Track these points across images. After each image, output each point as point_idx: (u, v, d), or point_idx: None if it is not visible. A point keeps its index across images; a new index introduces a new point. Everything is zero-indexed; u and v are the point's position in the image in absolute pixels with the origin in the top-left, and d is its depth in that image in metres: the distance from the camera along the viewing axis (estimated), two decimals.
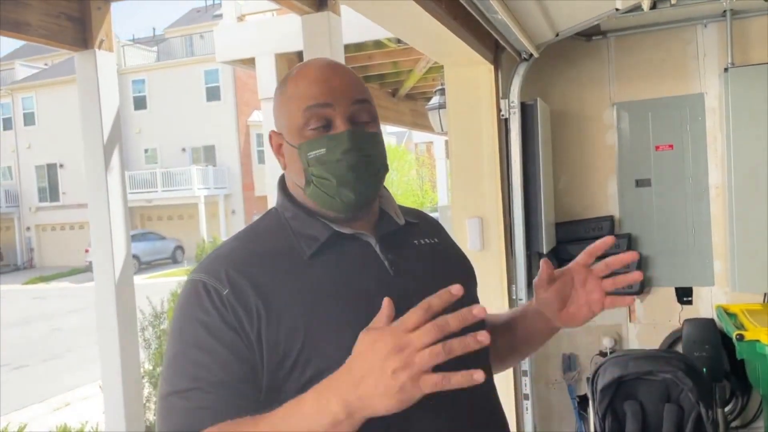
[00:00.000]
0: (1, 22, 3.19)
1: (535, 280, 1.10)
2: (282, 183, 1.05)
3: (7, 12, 3.20)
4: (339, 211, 0.97)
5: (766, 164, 2.80)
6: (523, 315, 1.17)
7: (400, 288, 0.96)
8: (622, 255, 1.05)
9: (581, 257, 1.06)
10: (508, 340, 1.18)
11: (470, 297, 1.09)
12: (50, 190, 26.50)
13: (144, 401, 5.49)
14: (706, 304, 3.12)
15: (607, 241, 1.05)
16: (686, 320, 3.04)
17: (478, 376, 0.73)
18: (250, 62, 4.87)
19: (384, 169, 1.00)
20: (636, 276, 1.07)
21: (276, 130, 1.03)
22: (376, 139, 0.99)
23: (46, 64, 29.29)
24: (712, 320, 3.01)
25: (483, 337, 0.75)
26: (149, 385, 6.08)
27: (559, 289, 1.07)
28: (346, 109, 0.96)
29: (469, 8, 1.97)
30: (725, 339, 2.87)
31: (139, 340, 5.32)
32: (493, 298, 2.74)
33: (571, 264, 1.08)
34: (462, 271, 1.12)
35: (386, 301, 0.80)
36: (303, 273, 0.93)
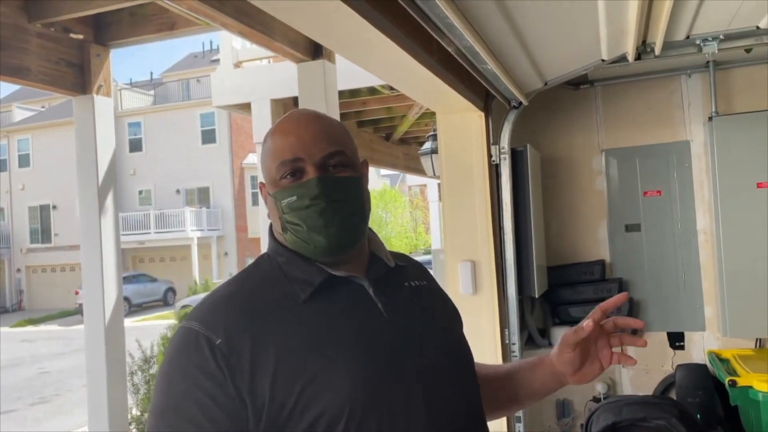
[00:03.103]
0: (2, 68, 3.26)
1: (565, 337, 1.12)
2: (272, 229, 1.07)
3: (8, 57, 3.27)
4: (315, 256, 0.99)
5: (752, 210, 2.84)
6: (532, 368, 1.19)
7: (395, 330, 0.98)
8: (616, 297, 1.11)
9: (596, 314, 1.10)
10: (509, 390, 1.21)
11: (457, 338, 1.11)
12: (42, 232, 26.38)
13: None
14: (698, 349, 3.12)
15: (621, 297, 1.11)
16: (679, 365, 3.03)
17: None
18: (246, 107, 4.96)
19: (360, 212, 1.02)
20: (641, 342, 1.11)
21: (261, 179, 1.08)
22: (348, 184, 1.00)
23: (43, 107, 29.55)
24: (704, 366, 3.00)
25: None
26: (136, 431, 5.95)
27: (582, 349, 1.11)
28: (316, 159, 0.99)
29: (459, 59, 2.02)
30: (718, 384, 2.86)
31: (128, 384, 5.24)
32: (486, 342, 2.73)
33: (586, 324, 1.10)
34: (450, 312, 1.14)
35: None
36: (298, 319, 0.94)
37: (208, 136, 24.69)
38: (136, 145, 25.55)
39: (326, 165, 0.99)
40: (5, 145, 27.31)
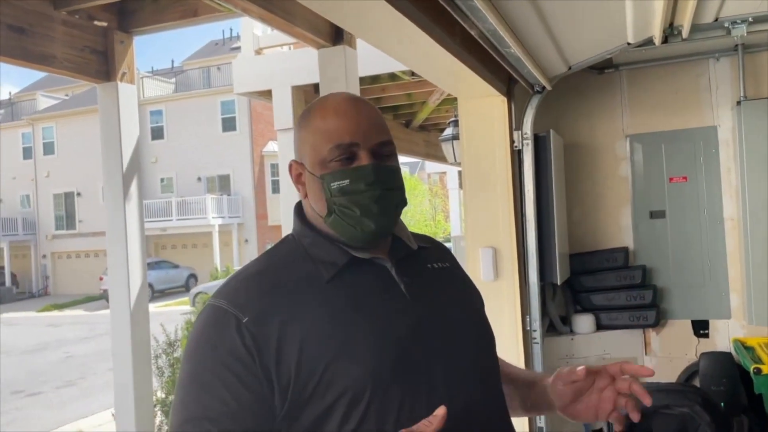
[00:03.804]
0: (29, 55, 3.30)
1: (561, 372, 1.10)
2: (299, 210, 1.07)
3: (34, 45, 3.31)
4: (358, 241, 0.99)
5: None
6: (530, 384, 1.18)
7: (417, 311, 0.99)
8: (641, 367, 1.06)
9: (614, 370, 1.06)
10: (525, 396, 1.21)
11: (479, 318, 1.12)
12: (67, 218, 26.82)
13: (156, 430, 5.48)
14: (723, 338, 3.08)
15: (646, 372, 1.05)
16: (703, 354, 3.00)
17: None
18: (267, 94, 4.97)
19: (402, 203, 1.03)
20: (636, 416, 1.04)
21: (297, 159, 1.05)
22: (397, 174, 1.02)
23: (66, 95, 29.93)
24: (729, 354, 2.97)
25: None
26: (161, 414, 6.06)
27: (579, 387, 1.09)
28: (371, 146, 0.99)
29: (482, 42, 2.01)
30: (743, 373, 2.83)
31: (152, 367, 5.33)
32: (507, 329, 2.73)
33: (600, 368, 1.08)
34: (472, 294, 1.15)
35: (442, 410, 0.81)
36: (322, 298, 0.95)
37: (229, 124, 24.83)
38: (157, 133, 25.78)
39: (379, 153, 1.00)
40: (30, 133, 27.76)
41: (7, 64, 3.30)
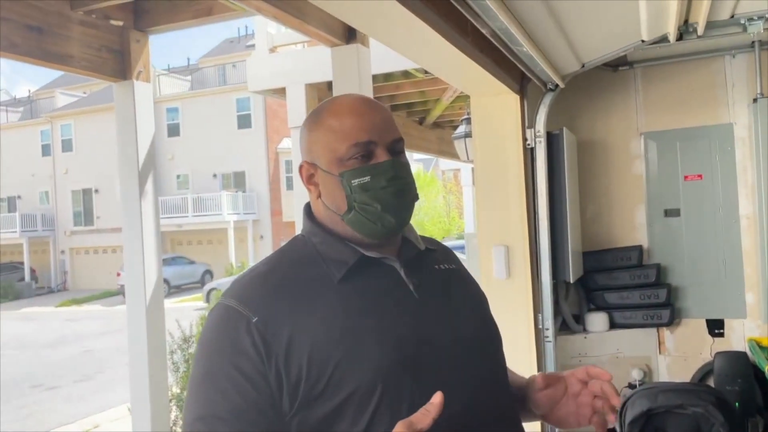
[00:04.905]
0: (46, 54, 3.35)
1: (530, 380, 1.14)
2: (308, 210, 1.08)
3: (52, 45, 3.36)
4: (377, 237, 1.01)
5: None
6: (519, 390, 1.18)
7: (426, 311, 1.00)
8: (602, 373, 1.07)
9: (580, 373, 1.09)
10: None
11: (486, 318, 1.13)
12: (85, 215, 27.12)
13: (171, 424, 5.53)
14: (738, 337, 3.05)
15: (608, 376, 1.07)
16: (718, 353, 2.98)
17: None
18: (281, 92, 5.00)
19: (416, 197, 1.05)
20: (612, 418, 1.07)
21: (308, 160, 1.05)
22: (410, 170, 1.05)
23: (84, 93, 30.23)
24: (744, 353, 2.94)
25: None
26: (176, 409, 6.12)
27: (551, 395, 1.11)
28: (387, 143, 1.01)
29: (494, 41, 2.00)
30: (758, 373, 2.81)
31: (168, 363, 5.39)
32: (519, 327, 2.73)
33: (567, 373, 1.11)
34: (478, 295, 1.16)
35: (438, 397, 0.82)
36: (333, 297, 0.96)
37: (244, 121, 24.94)
38: (173, 130, 25.96)
39: (394, 150, 1.02)
40: (48, 131, 28.09)
41: (26, 63, 3.35)
